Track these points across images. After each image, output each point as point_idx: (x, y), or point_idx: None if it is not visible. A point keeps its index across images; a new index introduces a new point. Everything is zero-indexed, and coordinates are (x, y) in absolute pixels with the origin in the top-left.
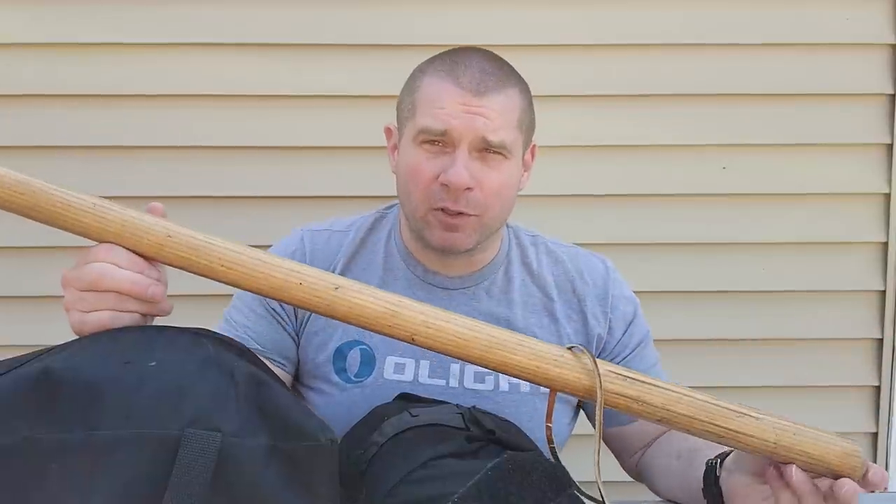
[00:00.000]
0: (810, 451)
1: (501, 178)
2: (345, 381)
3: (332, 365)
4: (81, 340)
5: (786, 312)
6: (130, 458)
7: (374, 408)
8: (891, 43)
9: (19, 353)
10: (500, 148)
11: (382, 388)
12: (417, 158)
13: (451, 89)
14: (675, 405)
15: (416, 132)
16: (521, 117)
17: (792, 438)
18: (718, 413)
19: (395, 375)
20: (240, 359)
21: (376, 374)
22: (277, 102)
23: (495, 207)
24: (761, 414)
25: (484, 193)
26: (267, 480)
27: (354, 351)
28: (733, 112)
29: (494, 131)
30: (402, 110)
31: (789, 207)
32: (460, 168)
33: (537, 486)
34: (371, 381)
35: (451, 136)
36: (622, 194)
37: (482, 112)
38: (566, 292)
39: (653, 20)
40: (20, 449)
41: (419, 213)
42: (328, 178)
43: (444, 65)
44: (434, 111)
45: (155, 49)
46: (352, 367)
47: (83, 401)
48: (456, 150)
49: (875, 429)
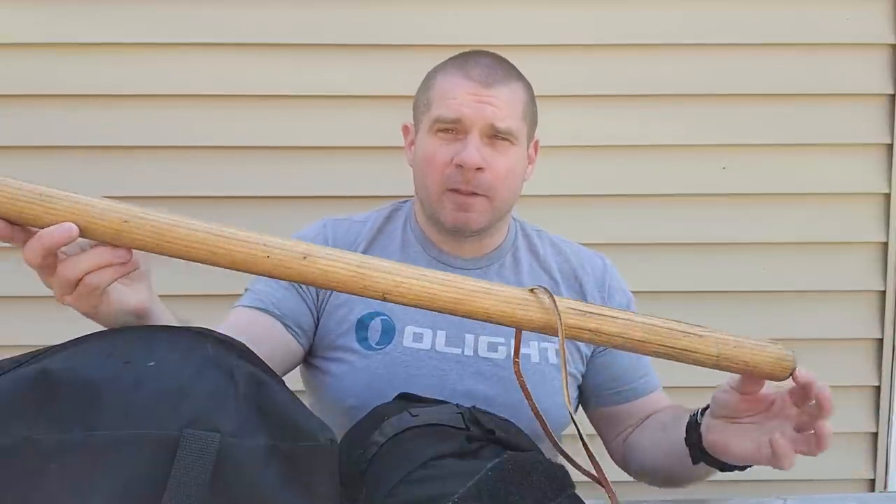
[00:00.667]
0: (748, 360)
1: (509, 163)
2: (366, 349)
3: (355, 334)
4: (80, 340)
5: (786, 312)
6: (129, 459)
7: (375, 407)
8: (891, 43)
9: (19, 353)
10: (507, 134)
11: (403, 355)
12: (433, 146)
13: (462, 82)
14: (631, 332)
15: (432, 122)
16: (525, 109)
17: (732, 350)
18: (668, 335)
19: (413, 344)
20: (239, 359)
21: (396, 342)
22: (277, 102)
23: (504, 189)
24: (707, 332)
25: (494, 175)
26: (266, 481)
27: (375, 321)
28: (733, 112)
29: (502, 119)
30: (418, 107)
31: (789, 207)
32: (472, 150)
33: (537, 486)
34: (391, 349)
35: (464, 123)
36: (622, 194)
37: (491, 101)
38: (569, 278)
39: (653, 20)
40: (19, 449)
41: (434, 195)
42: (328, 178)
43: (454, 63)
44: (447, 102)
45: (155, 49)
46: (373, 335)
47: (82, 401)
48: (468, 136)
49: (875, 429)
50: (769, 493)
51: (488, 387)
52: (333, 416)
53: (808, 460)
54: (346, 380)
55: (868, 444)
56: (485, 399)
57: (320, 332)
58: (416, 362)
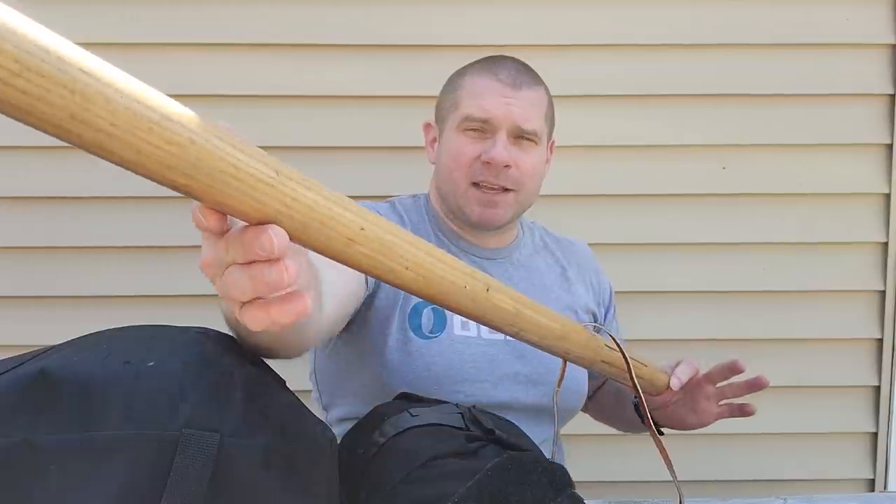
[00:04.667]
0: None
1: (533, 161)
2: (420, 337)
3: (409, 322)
4: (80, 340)
5: (786, 312)
6: (129, 459)
7: (375, 407)
8: (891, 43)
9: (19, 353)
10: (532, 135)
11: (455, 342)
12: (460, 142)
13: (491, 84)
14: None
15: (461, 120)
16: (547, 112)
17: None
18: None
19: (462, 332)
20: (240, 359)
21: (448, 330)
22: (278, 102)
23: (529, 185)
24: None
25: (520, 171)
26: (265, 481)
27: (428, 310)
28: (733, 112)
29: (528, 120)
30: (443, 107)
31: (789, 207)
32: (501, 148)
33: (537, 486)
34: (445, 336)
35: (492, 123)
36: (622, 194)
37: (518, 103)
38: (572, 263)
39: (653, 20)
40: (19, 450)
41: (460, 189)
42: (328, 178)
43: (483, 65)
44: (478, 102)
45: (155, 49)
46: (426, 324)
47: (81, 401)
48: (496, 135)
49: (875, 429)
50: (769, 493)
51: (531, 368)
52: (375, 396)
53: (807, 460)
54: (404, 364)
55: (868, 444)
56: (527, 378)
57: (373, 314)
58: (468, 349)
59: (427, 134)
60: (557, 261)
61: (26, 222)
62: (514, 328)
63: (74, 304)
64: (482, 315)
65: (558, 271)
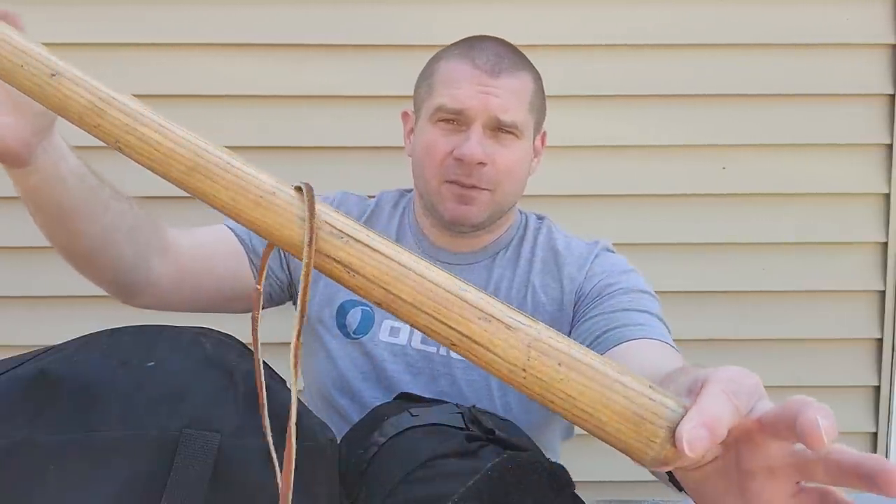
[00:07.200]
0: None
1: (513, 157)
2: (344, 336)
3: (335, 319)
4: (80, 340)
5: (786, 312)
6: (129, 459)
7: (375, 407)
8: (891, 43)
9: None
10: (511, 127)
11: (377, 347)
12: (433, 135)
13: (467, 70)
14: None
15: (433, 111)
16: (532, 100)
17: (566, 372)
18: (455, 308)
19: (389, 338)
20: (239, 359)
21: (372, 334)
22: (277, 102)
23: (507, 184)
24: (532, 325)
25: (496, 169)
26: (265, 481)
27: (356, 310)
28: (733, 112)
29: (507, 111)
30: (419, 94)
31: (789, 207)
32: (474, 143)
33: (537, 486)
34: (367, 340)
35: (467, 115)
36: (622, 194)
37: (496, 92)
38: (550, 268)
39: (653, 20)
40: (19, 450)
41: (432, 186)
42: (328, 178)
43: (460, 48)
44: (451, 91)
45: (154, 49)
46: (351, 324)
47: (81, 402)
48: (470, 128)
49: (875, 429)
50: None
51: (457, 389)
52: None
53: None
54: (324, 362)
55: (868, 445)
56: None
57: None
58: (390, 357)
59: (405, 124)
60: (525, 282)
61: (26, 222)
62: (102, 132)
63: (74, 304)
64: (55, 108)
65: (523, 293)
